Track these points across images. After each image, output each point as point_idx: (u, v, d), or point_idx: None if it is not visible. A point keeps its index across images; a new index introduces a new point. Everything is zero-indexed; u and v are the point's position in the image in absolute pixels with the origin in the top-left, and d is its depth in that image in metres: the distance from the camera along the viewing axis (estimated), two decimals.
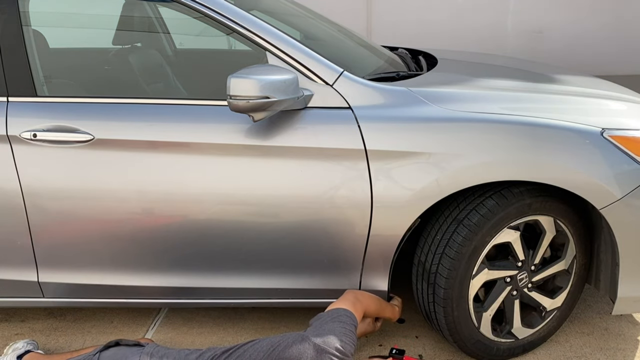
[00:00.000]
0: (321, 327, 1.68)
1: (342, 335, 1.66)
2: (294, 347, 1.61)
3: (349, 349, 1.64)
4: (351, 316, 1.75)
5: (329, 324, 1.69)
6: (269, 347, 1.64)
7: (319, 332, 1.65)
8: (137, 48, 2.75)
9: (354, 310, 1.79)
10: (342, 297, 1.89)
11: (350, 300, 1.84)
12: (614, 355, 2.19)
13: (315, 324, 1.73)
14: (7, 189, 1.92)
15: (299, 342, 1.62)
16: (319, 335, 1.64)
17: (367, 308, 1.92)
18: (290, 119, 1.86)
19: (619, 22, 5.22)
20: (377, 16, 5.31)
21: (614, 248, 1.94)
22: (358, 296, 1.90)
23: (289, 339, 1.64)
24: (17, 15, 1.93)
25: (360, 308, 1.85)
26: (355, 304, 1.84)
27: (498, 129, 1.85)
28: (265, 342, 1.67)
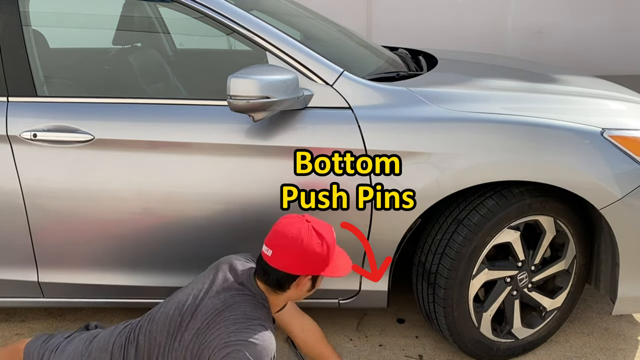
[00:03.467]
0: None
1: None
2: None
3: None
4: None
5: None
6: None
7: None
8: (137, 48, 2.75)
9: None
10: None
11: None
12: (614, 355, 2.19)
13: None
14: (7, 189, 1.92)
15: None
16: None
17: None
18: (290, 119, 1.86)
19: (619, 22, 5.22)
20: (377, 16, 5.31)
21: (614, 248, 1.94)
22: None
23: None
24: (17, 15, 1.93)
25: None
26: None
27: (498, 129, 1.85)
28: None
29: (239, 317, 1.58)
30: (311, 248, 1.61)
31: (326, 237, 1.65)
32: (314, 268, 1.65)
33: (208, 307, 1.61)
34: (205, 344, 1.55)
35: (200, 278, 1.73)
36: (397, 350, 2.24)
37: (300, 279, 1.65)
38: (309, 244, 1.61)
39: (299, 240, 1.61)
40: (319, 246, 1.62)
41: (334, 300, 2.08)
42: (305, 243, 1.61)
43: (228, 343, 1.52)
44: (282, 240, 1.63)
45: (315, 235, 1.63)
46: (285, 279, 1.64)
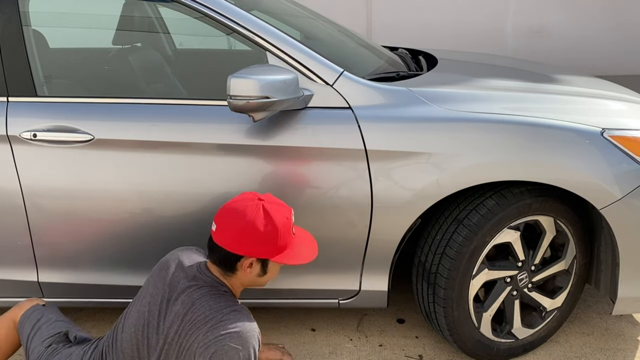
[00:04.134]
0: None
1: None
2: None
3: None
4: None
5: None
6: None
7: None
8: (137, 48, 2.75)
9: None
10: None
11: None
12: (614, 355, 2.19)
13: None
14: (7, 189, 1.92)
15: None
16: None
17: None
18: (290, 119, 1.86)
19: (619, 22, 5.22)
20: (377, 16, 5.31)
21: (614, 248, 1.94)
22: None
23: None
24: (17, 15, 1.93)
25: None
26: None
27: (498, 129, 1.85)
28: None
29: (207, 313, 1.52)
30: (252, 225, 1.54)
31: (275, 219, 1.56)
32: (258, 250, 1.57)
33: (171, 317, 1.55)
34: (184, 352, 1.51)
35: (151, 288, 1.64)
36: (397, 350, 2.24)
37: (244, 260, 1.58)
38: (251, 220, 1.54)
39: (242, 216, 1.54)
40: (263, 226, 1.54)
41: (334, 300, 2.08)
42: (247, 219, 1.54)
43: (208, 343, 1.46)
44: (227, 216, 1.57)
45: (262, 215, 1.55)
46: (229, 258, 1.58)
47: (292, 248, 1.62)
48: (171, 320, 1.54)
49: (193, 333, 1.50)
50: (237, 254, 1.57)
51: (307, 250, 1.67)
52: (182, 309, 1.54)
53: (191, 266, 1.65)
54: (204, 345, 1.47)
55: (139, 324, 1.59)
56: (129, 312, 1.66)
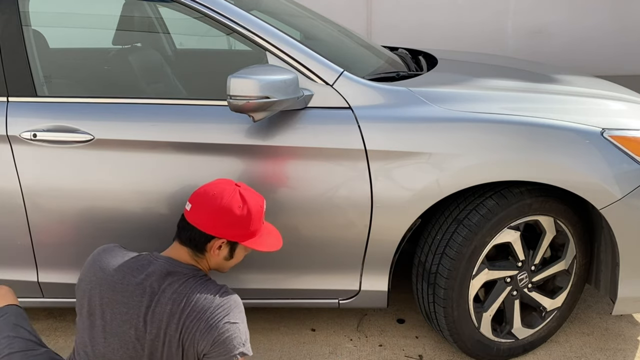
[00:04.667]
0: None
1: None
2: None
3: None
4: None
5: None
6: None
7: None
8: (137, 48, 2.75)
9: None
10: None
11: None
12: (614, 355, 2.19)
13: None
14: (7, 189, 1.92)
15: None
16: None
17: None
18: (290, 119, 1.86)
19: (618, 22, 5.22)
20: (377, 16, 5.31)
21: (614, 248, 1.94)
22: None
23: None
24: (17, 15, 1.93)
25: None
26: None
27: (498, 129, 1.85)
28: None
29: (203, 303, 1.53)
30: (228, 208, 1.57)
31: (249, 203, 1.60)
32: (230, 232, 1.60)
33: (164, 318, 1.52)
34: (187, 342, 1.51)
35: (117, 306, 1.55)
36: (397, 350, 2.24)
37: (215, 241, 1.61)
38: (228, 203, 1.58)
39: (219, 199, 1.58)
40: (239, 209, 1.58)
41: (334, 300, 2.08)
42: (224, 202, 1.57)
43: (209, 328, 1.50)
44: (203, 196, 1.60)
45: (239, 198, 1.59)
46: (200, 237, 1.60)
47: (261, 236, 1.68)
48: (166, 322, 1.52)
49: (195, 324, 1.51)
50: (209, 234, 1.60)
51: (274, 240, 1.72)
52: (176, 306, 1.53)
53: (146, 264, 1.60)
54: (207, 329, 1.50)
55: (127, 345, 1.54)
56: (95, 341, 1.57)
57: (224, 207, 1.58)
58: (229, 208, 1.58)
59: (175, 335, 1.52)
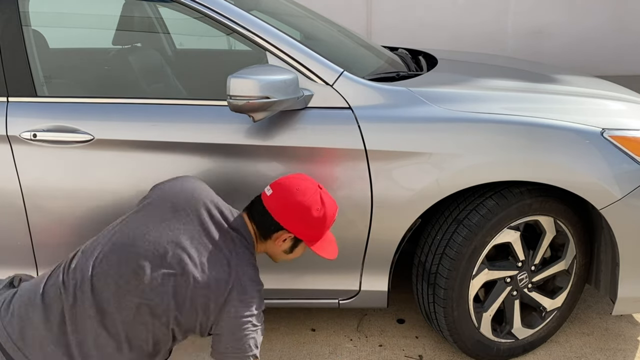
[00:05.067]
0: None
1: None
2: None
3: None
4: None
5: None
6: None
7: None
8: (137, 48, 2.75)
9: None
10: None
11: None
12: (614, 355, 2.19)
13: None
14: (7, 189, 1.92)
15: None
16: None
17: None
18: (290, 119, 1.86)
19: (618, 22, 5.23)
20: (377, 16, 5.31)
21: (614, 248, 1.94)
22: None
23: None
24: (17, 15, 1.93)
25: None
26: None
27: (498, 129, 1.85)
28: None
29: (246, 292, 1.52)
30: (308, 206, 1.59)
31: (327, 208, 1.63)
32: (301, 230, 1.62)
33: (208, 274, 1.49)
34: (202, 300, 1.49)
35: (177, 220, 1.55)
36: (397, 350, 2.24)
37: (282, 233, 1.62)
38: (308, 202, 1.59)
39: (301, 195, 1.59)
40: (316, 211, 1.60)
41: (334, 300, 2.08)
42: (305, 199, 1.59)
43: (227, 279, 1.50)
44: (286, 187, 1.61)
45: (319, 200, 1.61)
46: (270, 224, 1.61)
47: (324, 241, 1.68)
48: (206, 254, 1.52)
49: (220, 296, 1.50)
50: (280, 224, 1.61)
51: (332, 248, 1.72)
52: (225, 277, 1.51)
53: (233, 215, 1.63)
54: (231, 315, 1.49)
55: (156, 248, 1.50)
56: (148, 229, 1.53)
57: (303, 204, 1.59)
58: (308, 206, 1.60)
59: (202, 276, 1.49)
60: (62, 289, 1.49)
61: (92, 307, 1.46)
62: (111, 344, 1.48)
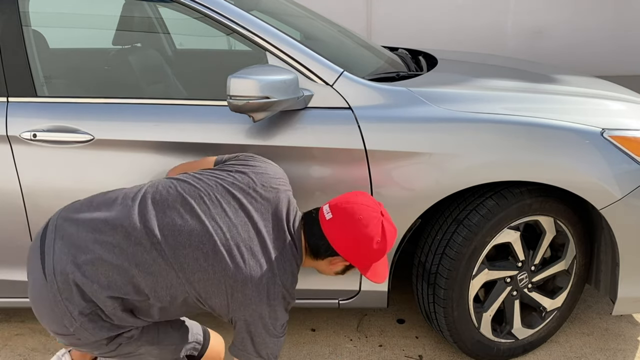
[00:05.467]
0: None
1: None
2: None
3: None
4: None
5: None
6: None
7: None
8: (137, 48, 2.75)
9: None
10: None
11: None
12: (614, 355, 2.19)
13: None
14: (7, 189, 1.92)
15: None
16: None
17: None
18: (290, 119, 1.86)
19: (618, 22, 5.22)
20: (377, 16, 5.31)
21: (614, 248, 1.94)
22: None
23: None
24: (17, 15, 1.93)
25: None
26: None
27: (498, 129, 1.85)
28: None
29: (278, 292, 1.50)
30: (369, 239, 1.51)
31: (387, 239, 1.54)
32: (358, 259, 1.54)
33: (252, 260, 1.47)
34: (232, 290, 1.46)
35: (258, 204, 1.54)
36: (397, 350, 2.24)
37: (337, 259, 1.56)
38: (370, 234, 1.51)
39: (363, 226, 1.50)
40: (376, 244, 1.52)
41: (334, 300, 2.08)
42: (367, 231, 1.50)
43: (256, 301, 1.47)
44: (347, 214, 1.52)
45: (380, 232, 1.52)
46: (325, 250, 1.54)
47: (377, 265, 1.61)
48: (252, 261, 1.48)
49: (257, 290, 1.47)
50: (336, 251, 1.54)
51: (383, 270, 1.63)
52: (268, 266, 1.49)
53: (296, 223, 1.58)
54: (262, 313, 1.48)
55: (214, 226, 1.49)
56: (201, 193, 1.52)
57: (365, 237, 1.51)
58: (369, 240, 1.51)
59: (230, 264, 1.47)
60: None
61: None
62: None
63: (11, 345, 2.32)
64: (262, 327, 1.50)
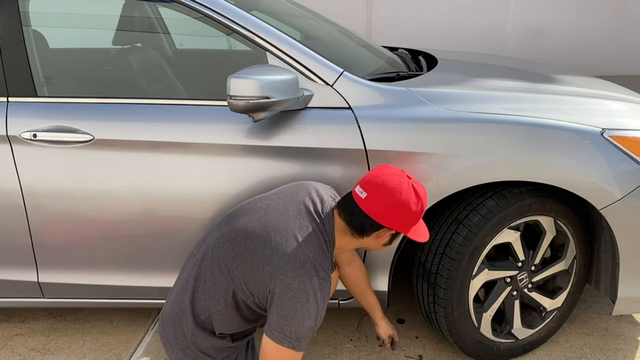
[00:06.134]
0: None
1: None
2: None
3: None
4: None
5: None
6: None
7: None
8: (137, 48, 2.75)
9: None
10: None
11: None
12: (614, 355, 2.19)
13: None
14: (7, 189, 1.92)
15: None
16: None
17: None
18: (290, 119, 1.86)
19: (618, 22, 5.22)
20: (377, 16, 5.31)
21: (614, 248, 1.94)
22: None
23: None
24: (17, 15, 1.93)
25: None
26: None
27: (498, 129, 1.85)
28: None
29: (299, 258, 1.55)
30: (407, 203, 1.58)
31: (422, 199, 1.62)
32: (401, 224, 1.61)
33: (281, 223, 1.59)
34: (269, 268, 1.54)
35: (284, 195, 1.68)
36: (397, 350, 2.24)
37: (383, 231, 1.62)
38: (407, 199, 1.58)
39: (398, 193, 1.57)
40: (414, 205, 1.59)
41: (334, 301, 2.08)
42: (403, 197, 1.58)
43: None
44: (379, 187, 1.59)
45: (414, 193, 1.60)
46: (370, 225, 1.61)
47: (418, 226, 1.67)
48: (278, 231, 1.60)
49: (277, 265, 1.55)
50: (381, 224, 1.61)
51: (424, 230, 1.69)
52: (292, 235, 1.59)
53: (326, 205, 1.67)
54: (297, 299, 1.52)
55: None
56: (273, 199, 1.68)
57: (402, 202, 1.58)
58: (407, 203, 1.58)
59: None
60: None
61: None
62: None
63: (11, 345, 2.32)
64: (288, 299, 1.52)
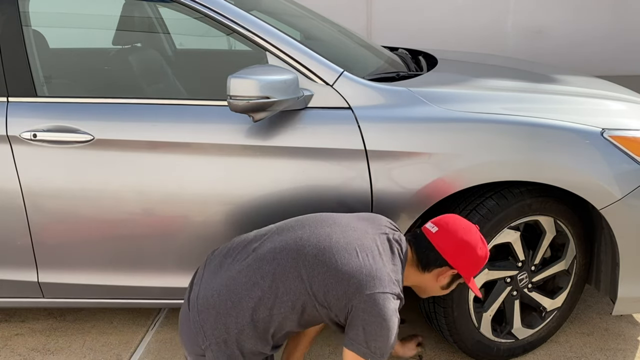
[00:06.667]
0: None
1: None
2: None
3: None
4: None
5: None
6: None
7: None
8: (137, 48, 2.75)
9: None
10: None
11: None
12: (614, 355, 2.19)
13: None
14: (7, 189, 1.92)
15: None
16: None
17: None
18: (290, 119, 1.86)
19: (618, 22, 5.22)
20: (377, 16, 5.30)
21: (614, 248, 1.94)
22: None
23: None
24: (17, 15, 1.93)
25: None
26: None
27: (498, 129, 1.85)
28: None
29: (383, 281, 1.54)
30: (474, 245, 1.64)
31: (486, 247, 1.68)
32: (465, 266, 1.65)
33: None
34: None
35: (353, 225, 1.66)
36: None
37: (445, 269, 1.66)
38: (475, 241, 1.64)
39: (467, 234, 1.64)
40: (480, 249, 1.65)
41: None
42: (472, 239, 1.64)
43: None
44: (451, 225, 1.66)
45: (481, 241, 1.67)
46: (435, 259, 1.65)
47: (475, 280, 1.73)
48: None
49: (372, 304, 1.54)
50: (447, 261, 1.65)
51: (477, 287, 1.75)
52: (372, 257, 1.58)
53: (398, 239, 1.68)
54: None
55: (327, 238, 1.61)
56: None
57: (470, 243, 1.64)
58: (474, 245, 1.64)
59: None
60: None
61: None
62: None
63: (11, 345, 2.32)
64: (375, 315, 1.52)
